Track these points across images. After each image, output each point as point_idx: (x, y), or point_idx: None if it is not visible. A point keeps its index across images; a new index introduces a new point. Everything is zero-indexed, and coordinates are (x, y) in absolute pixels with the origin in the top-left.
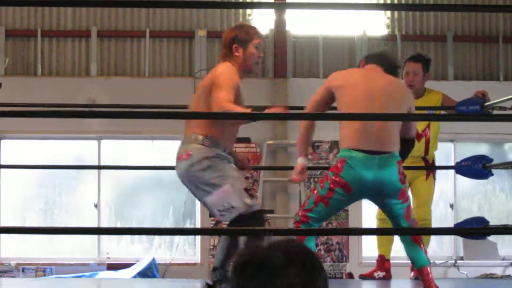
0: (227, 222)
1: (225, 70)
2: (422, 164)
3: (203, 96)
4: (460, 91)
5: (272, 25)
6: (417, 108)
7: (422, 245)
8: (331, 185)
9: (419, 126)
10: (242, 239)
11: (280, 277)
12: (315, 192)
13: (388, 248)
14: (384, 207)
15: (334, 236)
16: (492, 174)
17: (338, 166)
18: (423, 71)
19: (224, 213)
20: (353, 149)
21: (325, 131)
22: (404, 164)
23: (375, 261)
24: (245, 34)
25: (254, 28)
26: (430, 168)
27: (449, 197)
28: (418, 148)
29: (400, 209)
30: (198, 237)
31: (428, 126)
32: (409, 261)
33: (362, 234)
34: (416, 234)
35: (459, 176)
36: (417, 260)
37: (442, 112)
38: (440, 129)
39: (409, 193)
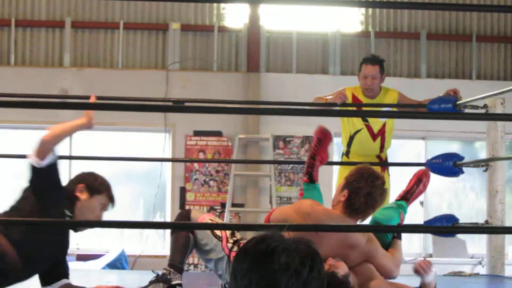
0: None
1: None
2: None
3: None
4: (432, 89)
5: (246, 20)
6: (374, 106)
7: None
8: None
9: (375, 126)
10: None
11: (279, 256)
12: None
13: None
14: None
15: None
16: (462, 172)
17: None
18: (380, 74)
19: None
20: None
21: (296, 126)
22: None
23: None
24: None
25: None
26: (384, 164)
27: None
28: (374, 147)
29: None
30: (168, 230)
31: (384, 125)
32: None
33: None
34: (383, 231)
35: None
36: None
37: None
38: (412, 127)
39: None
